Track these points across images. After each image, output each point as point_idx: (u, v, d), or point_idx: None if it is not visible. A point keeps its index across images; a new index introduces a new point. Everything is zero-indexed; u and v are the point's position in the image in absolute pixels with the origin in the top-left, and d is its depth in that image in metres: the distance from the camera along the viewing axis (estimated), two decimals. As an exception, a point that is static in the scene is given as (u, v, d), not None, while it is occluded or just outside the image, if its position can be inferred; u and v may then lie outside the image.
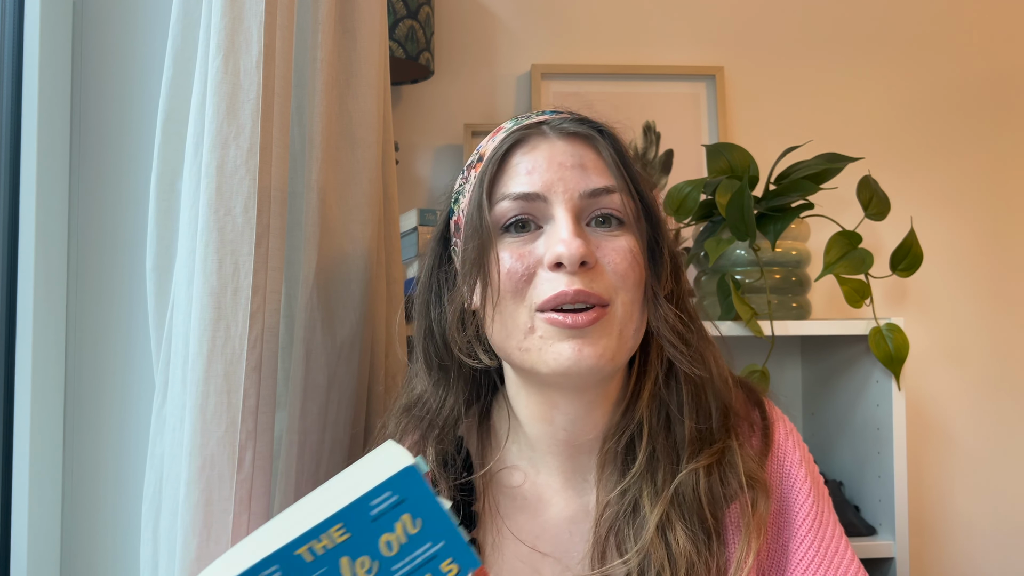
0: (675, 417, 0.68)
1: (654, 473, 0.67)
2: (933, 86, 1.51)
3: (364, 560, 0.48)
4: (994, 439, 1.46)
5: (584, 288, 0.61)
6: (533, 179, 0.64)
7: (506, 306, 0.64)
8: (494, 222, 0.65)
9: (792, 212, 1.13)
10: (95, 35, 0.92)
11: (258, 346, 0.73)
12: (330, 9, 0.85)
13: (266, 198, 0.74)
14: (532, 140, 0.67)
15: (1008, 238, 1.49)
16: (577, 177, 0.64)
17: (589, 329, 0.61)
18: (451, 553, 0.50)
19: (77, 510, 0.90)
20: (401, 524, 0.49)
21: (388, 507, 0.49)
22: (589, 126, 0.67)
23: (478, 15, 1.45)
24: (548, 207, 0.64)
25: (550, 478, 0.70)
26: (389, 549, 0.49)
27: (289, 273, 0.85)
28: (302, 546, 0.47)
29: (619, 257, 0.64)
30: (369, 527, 0.48)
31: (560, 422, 0.68)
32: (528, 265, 0.63)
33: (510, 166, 0.66)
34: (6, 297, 0.92)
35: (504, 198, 0.65)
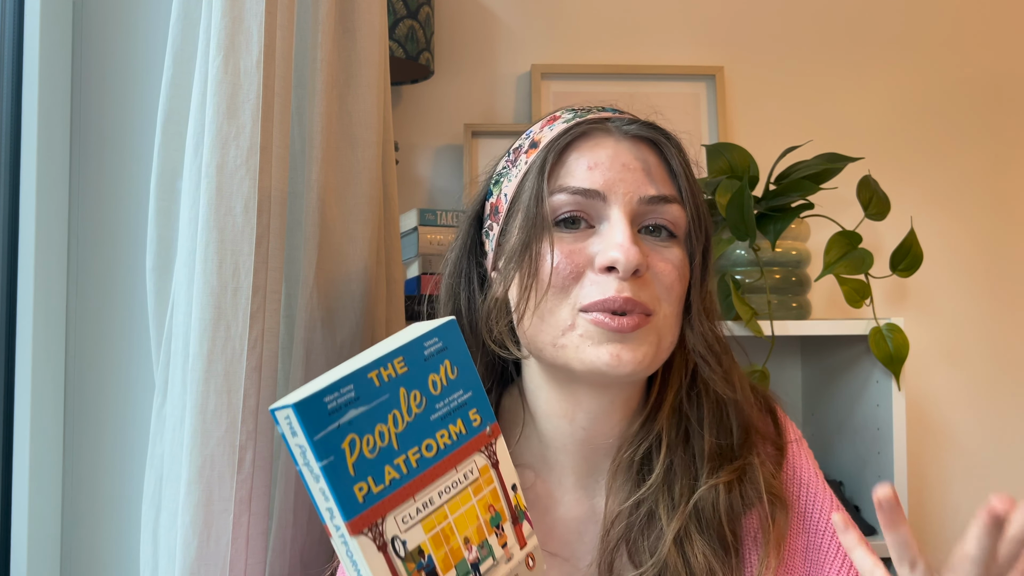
0: (695, 431, 0.67)
1: (671, 486, 0.65)
2: (933, 86, 1.51)
3: (416, 393, 0.54)
4: (994, 439, 1.46)
5: (633, 296, 0.60)
6: (594, 175, 0.62)
7: (547, 301, 0.62)
8: (549, 214, 0.63)
9: (792, 212, 1.13)
10: (95, 35, 0.92)
11: (258, 346, 0.73)
12: (330, 9, 0.85)
13: (266, 198, 0.74)
14: (596, 135, 0.65)
15: (1008, 238, 1.49)
16: (639, 180, 0.63)
17: (632, 335, 0.60)
18: (476, 404, 0.57)
19: (77, 510, 0.90)
20: (444, 368, 0.56)
21: (436, 351, 0.56)
22: (658, 131, 0.65)
23: (478, 15, 1.45)
24: (605, 207, 0.62)
25: (562, 476, 0.69)
26: (434, 388, 0.55)
27: (289, 273, 0.85)
28: (373, 371, 0.53)
29: (668, 269, 0.62)
30: (422, 364, 0.55)
31: (581, 420, 0.67)
32: (577, 264, 0.62)
33: (570, 159, 0.64)
34: (6, 297, 0.92)
35: (561, 191, 0.63)
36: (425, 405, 0.54)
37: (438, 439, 0.55)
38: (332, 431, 0.50)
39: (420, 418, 0.54)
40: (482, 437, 0.57)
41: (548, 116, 0.69)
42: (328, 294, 0.86)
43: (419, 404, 0.54)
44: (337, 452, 0.50)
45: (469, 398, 0.57)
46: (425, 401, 0.54)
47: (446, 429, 0.55)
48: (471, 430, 0.56)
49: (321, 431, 0.49)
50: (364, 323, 0.90)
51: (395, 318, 0.99)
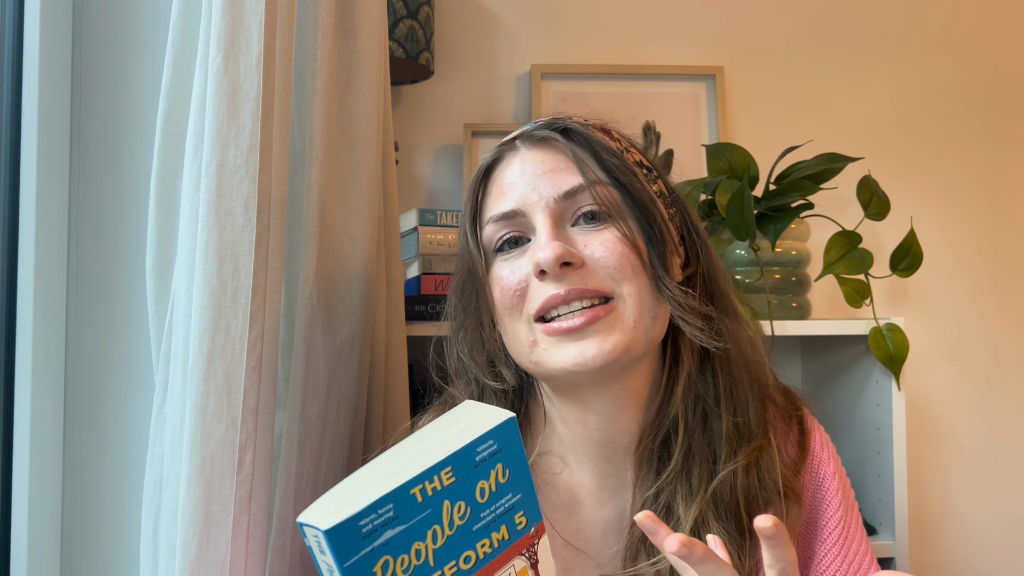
0: (712, 411, 0.67)
1: (689, 472, 0.66)
2: (933, 86, 1.51)
3: (461, 505, 0.50)
4: (994, 439, 1.46)
5: (576, 287, 0.61)
6: (509, 196, 0.65)
7: (508, 322, 0.65)
8: (485, 245, 0.67)
9: (792, 212, 1.13)
10: (95, 35, 0.92)
11: (258, 346, 0.73)
12: (330, 9, 0.85)
13: (266, 198, 0.74)
14: (505, 157, 0.68)
15: (1008, 238, 1.49)
16: (549, 183, 0.64)
17: (589, 328, 0.61)
18: (524, 506, 0.53)
19: (77, 510, 0.90)
20: (495, 473, 0.51)
21: (489, 455, 0.51)
22: (553, 128, 0.66)
23: (478, 15, 1.45)
24: (529, 219, 0.64)
25: (583, 478, 0.70)
26: (482, 496, 0.51)
27: (289, 273, 0.85)
28: (417, 486, 0.48)
29: (605, 250, 0.62)
30: (472, 472, 0.50)
31: (593, 422, 0.67)
32: (520, 279, 0.64)
33: (490, 189, 0.68)
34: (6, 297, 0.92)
35: (489, 222, 0.66)
36: (469, 516, 0.51)
37: (478, 549, 0.51)
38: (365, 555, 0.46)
39: (462, 530, 0.50)
40: (526, 539, 0.53)
41: None
42: (328, 294, 0.86)
43: (463, 516, 0.50)
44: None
45: (518, 500, 0.53)
46: (470, 512, 0.51)
47: (488, 538, 0.51)
48: (515, 534, 0.53)
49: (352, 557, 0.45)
50: (364, 323, 0.90)
51: (395, 318, 0.99)
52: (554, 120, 0.68)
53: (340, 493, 0.48)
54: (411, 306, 1.12)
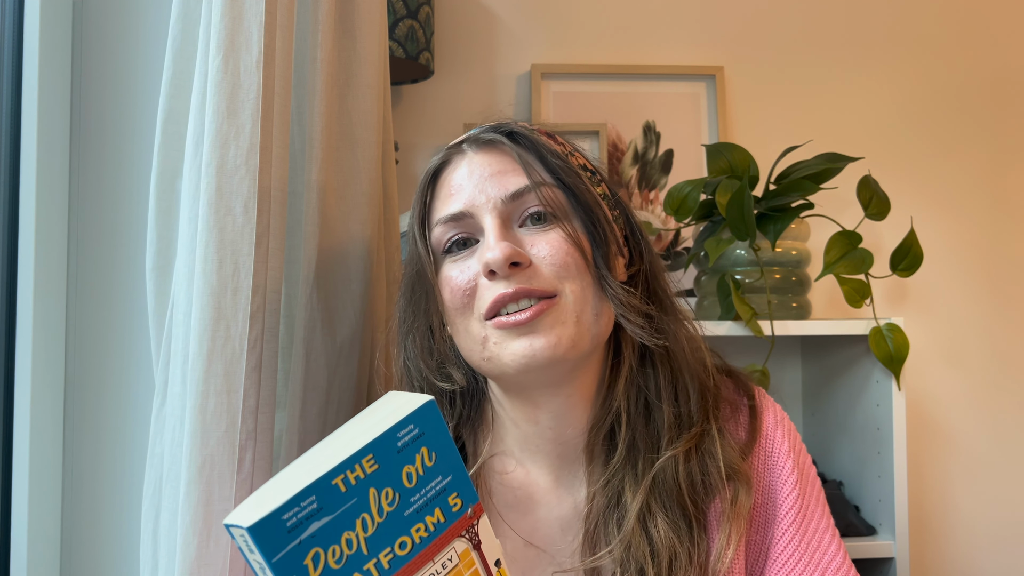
0: (654, 403, 0.69)
1: (635, 462, 0.67)
2: (933, 86, 1.51)
3: (388, 491, 0.51)
4: (994, 439, 1.46)
5: (524, 286, 0.63)
6: (457, 199, 0.67)
7: (459, 322, 0.67)
8: (435, 247, 0.68)
9: (792, 212, 1.13)
10: (95, 35, 0.92)
11: (258, 346, 0.73)
12: (330, 9, 0.85)
13: (266, 198, 0.74)
14: (452, 160, 0.69)
15: (1008, 238, 1.49)
16: (496, 184, 0.66)
17: (536, 322, 0.63)
18: (456, 488, 0.54)
19: (77, 510, 0.90)
20: (420, 457, 0.52)
21: (411, 440, 0.52)
22: (499, 131, 0.68)
23: (478, 15, 1.45)
24: (477, 221, 0.66)
25: (540, 476, 0.71)
26: (409, 481, 0.52)
27: (289, 273, 0.85)
28: (338, 476, 0.49)
29: (551, 249, 0.64)
30: (395, 458, 0.51)
31: (545, 421, 0.69)
32: (469, 279, 0.65)
33: (438, 192, 0.69)
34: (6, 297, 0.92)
35: (437, 223, 0.68)
36: (399, 502, 0.51)
37: (413, 534, 0.51)
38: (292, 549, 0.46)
39: (393, 516, 0.51)
40: (463, 521, 0.54)
41: None
42: (328, 294, 0.86)
43: (391, 502, 0.51)
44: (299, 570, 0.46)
45: (449, 483, 0.53)
46: (398, 497, 0.51)
47: (422, 522, 0.52)
48: (451, 516, 0.53)
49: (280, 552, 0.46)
50: (364, 323, 0.90)
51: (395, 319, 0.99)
52: (500, 124, 0.70)
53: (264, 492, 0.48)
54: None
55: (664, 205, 1.21)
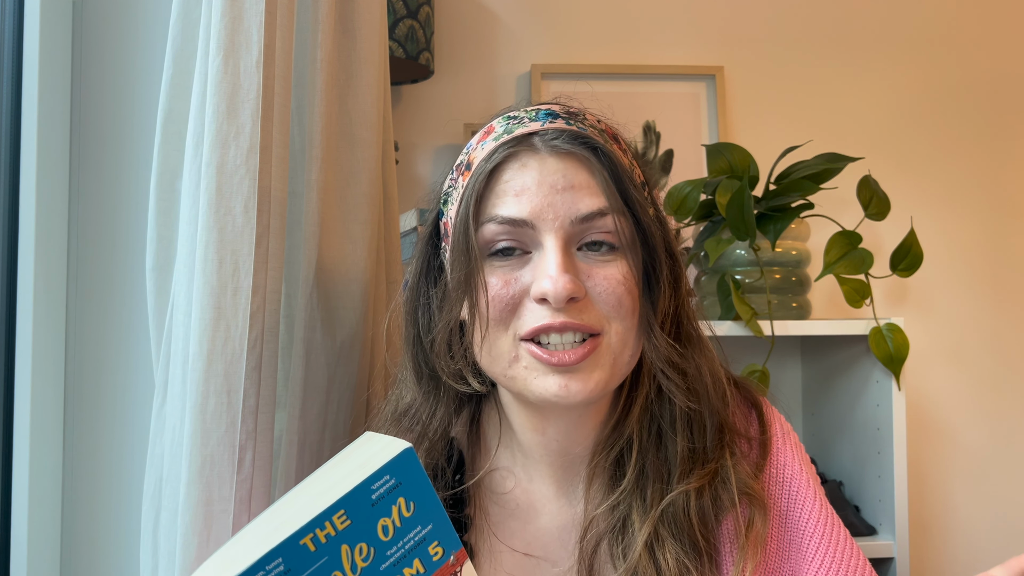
0: (667, 433, 0.66)
1: (643, 490, 0.65)
2: (933, 86, 1.51)
3: (362, 547, 0.48)
4: (994, 439, 1.46)
5: (572, 320, 0.59)
6: (522, 202, 0.60)
7: (490, 332, 0.62)
8: (481, 244, 0.62)
9: (792, 212, 1.13)
10: (95, 35, 0.92)
11: (258, 346, 0.73)
12: (330, 9, 0.85)
13: (266, 198, 0.74)
14: (522, 156, 0.62)
15: (1008, 238, 1.49)
16: (568, 201, 0.60)
17: (579, 365, 0.60)
18: (437, 536, 0.51)
19: (77, 510, 0.90)
20: (397, 508, 0.50)
21: (386, 491, 0.49)
22: (583, 144, 0.62)
23: (478, 15, 1.45)
24: (536, 234, 0.61)
25: (543, 486, 0.70)
26: (385, 534, 0.49)
27: (289, 273, 0.85)
28: (306, 535, 0.46)
29: (610, 286, 0.61)
30: (369, 512, 0.49)
31: (552, 434, 0.67)
32: (514, 294, 0.61)
33: (499, 183, 0.62)
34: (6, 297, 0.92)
35: (491, 220, 0.61)
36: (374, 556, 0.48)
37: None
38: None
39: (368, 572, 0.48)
40: (445, 569, 0.52)
41: (485, 128, 0.67)
42: (328, 294, 0.86)
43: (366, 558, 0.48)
44: None
45: (429, 532, 0.51)
46: (373, 552, 0.48)
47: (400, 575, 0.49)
48: (431, 566, 0.51)
49: None
50: (364, 323, 0.90)
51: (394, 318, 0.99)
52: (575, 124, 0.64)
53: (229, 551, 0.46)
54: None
55: (664, 205, 1.21)
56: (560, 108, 0.66)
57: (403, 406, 0.71)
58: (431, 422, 0.69)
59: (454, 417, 0.71)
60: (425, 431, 0.69)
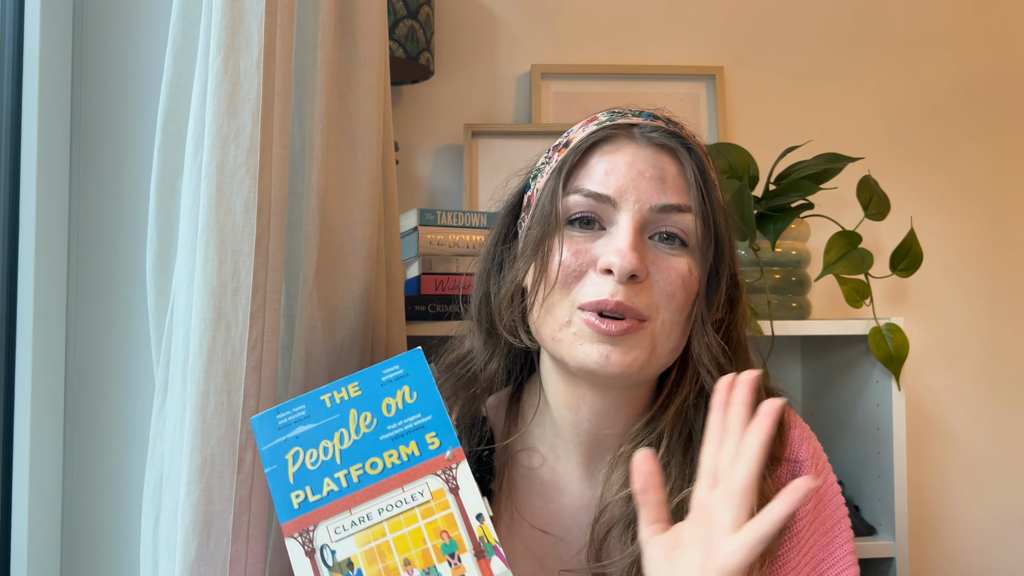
0: (696, 438, 0.68)
1: None
2: (933, 86, 1.51)
3: (367, 415, 0.59)
4: (994, 439, 1.46)
5: (625, 301, 0.62)
6: (609, 180, 0.64)
7: (552, 295, 0.65)
8: (563, 212, 0.66)
9: (792, 212, 1.13)
10: (95, 35, 0.92)
11: (258, 346, 0.73)
12: (330, 9, 0.85)
13: (266, 198, 0.74)
14: (618, 140, 0.66)
15: (1008, 238, 1.49)
16: (653, 189, 0.64)
17: (621, 338, 0.62)
18: (436, 428, 0.60)
19: (77, 510, 0.90)
20: (401, 393, 0.60)
21: (395, 377, 0.60)
22: (678, 140, 0.66)
23: (478, 15, 1.45)
24: (615, 212, 0.64)
25: (569, 466, 0.72)
26: (388, 411, 0.60)
27: (289, 273, 0.85)
28: (326, 394, 0.60)
29: (670, 276, 0.64)
30: (378, 389, 0.60)
31: (585, 413, 0.69)
32: (582, 263, 0.64)
33: (591, 161, 0.66)
34: (6, 297, 0.92)
35: (577, 192, 0.65)
36: (376, 425, 0.59)
37: (385, 458, 0.58)
38: (279, 443, 0.58)
39: (369, 436, 0.58)
40: (439, 461, 0.58)
41: (589, 116, 0.71)
42: (328, 294, 0.86)
43: (369, 424, 0.59)
44: (280, 462, 0.57)
45: (428, 422, 0.59)
46: (376, 422, 0.59)
47: (396, 449, 0.58)
48: (426, 452, 0.58)
49: (270, 442, 0.58)
50: (364, 323, 0.90)
51: (395, 318, 0.99)
52: (674, 127, 0.68)
53: None
54: (411, 306, 1.12)
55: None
56: (662, 115, 0.70)
57: (461, 354, 0.76)
58: (484, 371, 0.74)
59: (503, 377, 0.75)
60: (475, 378, 0.74)
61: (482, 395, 0.74)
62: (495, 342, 0.74)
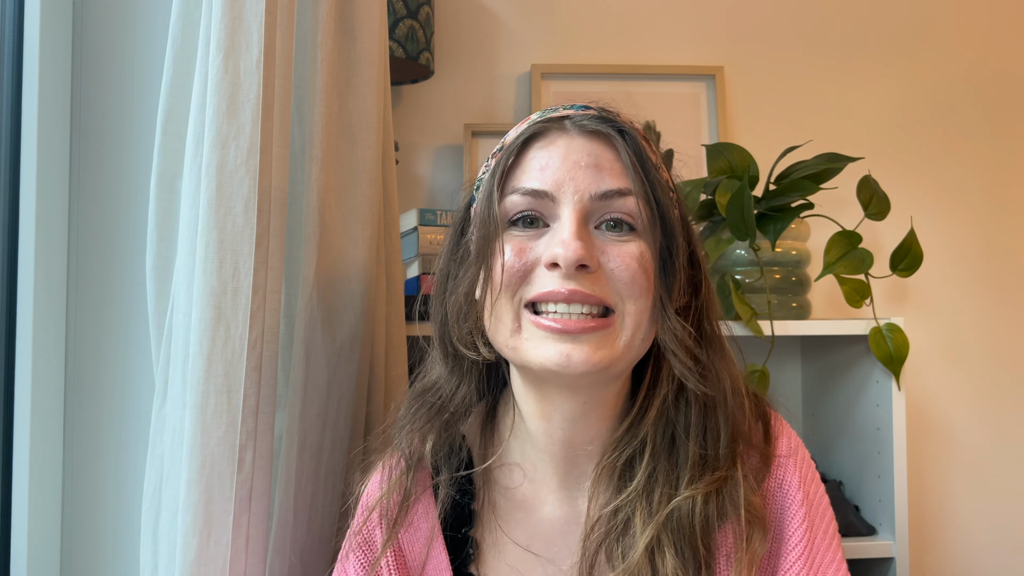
0: (680, 439, 0.66)
1: (650, 494, 0.65)
2: (933, 86, 1.51)
3: None
4: (994, 439, 1.46)
5: (580, 289, 0.60)
6: (545, 176, 0.63)
7: (499, 300, 0.63)
8: (502, 214, 0.64)
9: (792, 212, 1.13)
10: (95, 35, 0.92)
11: (258, 346, 0.73)
12: (330, 9, 0.85)
13: (266, 198, 0.74)
14: (551, 134, 0.65)
15: (1008, 238, 1.49)
16: (590, 178, 0.62)
17: (585, 336, 0.60)
18: None
19: (77, 510, 0.90)
20: None
21: None
22: (611, 125, 0.64)
23: (478, 15, 1.45)
24: (556, 206, 0.62)
25: (546, 477, 0.70)
26: None
27: (289, 273, 0.85)
28: None
29: (624, 262, 0.61)
30: None
31: (557, 421, 0.67)
32: (527, 262, 0.62)
33: (526, 159, 0.64)
34: (6, 297, 0.92)
35: (514, 191, 0.63)
36: None
37: None
38: None
39: None
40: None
41: (525, 118, 0.70)
42: (328, 294, 0.86)
43: None
44: None
45: None
46: None
47: None
48: None
49: None
50: (364, 323, 0.90)
51: (395, 318, 0.99)
52: (606, 114, 0.66)
53: None
54: (411, 306, 1.12)
55: (664, 205, 1.21)
56: (596, 105, 0.68)
57: (428, 383, 0.72)
58: (453, 398, 0.70)
59: (475, 399, 0.71)
60: (446, 406, 0.70)
61: (457, 419, 0.71)
62: (460, 366, 0.71)
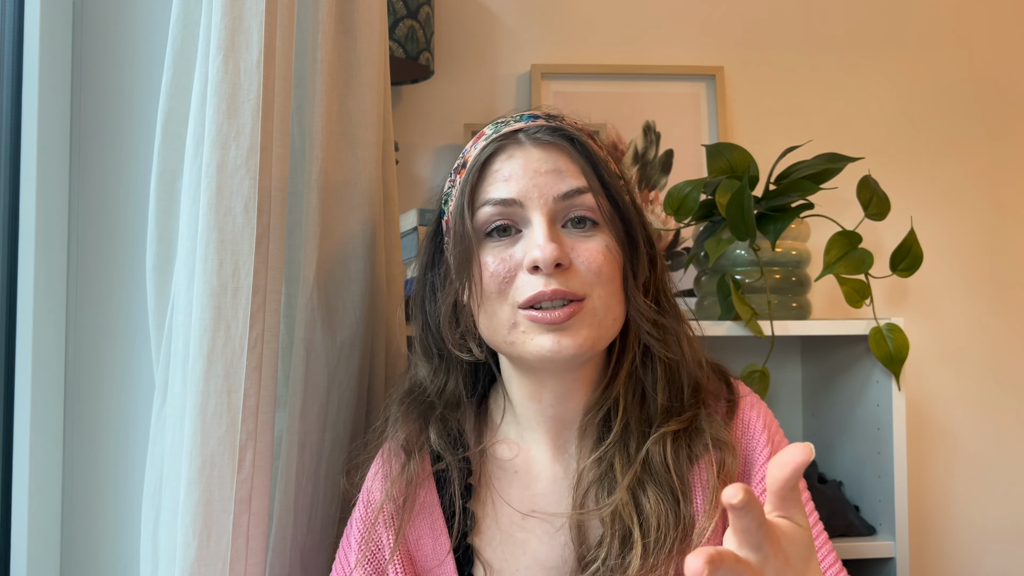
0: (649, 393, 0.75)
1: (627, 442, 0.73)
2: (933, 86, 1.51)
3: None
4: (994, 439, 1.46)
5: (560, 287, 0.67)
6: (511, 185, 0.70)
7: (491, 304, 0.70)
8: (477, 227, 0.71)
9: (792, 212, 1.13)
10: (95, 35, 0.92)
11: (258, 346, 0.73)
12: (330, 9, 0.85)
13: (266, 198, 0.74)
14: (508, 149, 0.72)
15: (1008, 238, 1.49)
16: (551, 182, 0.70)
17: (567, 323, 0.68)
18: None
19: (77, 510, 0.90)
20: None
21: None
22: (561, 135, 0.72)
23: (478, 15, 1.45)
24: (525, 212, 0.69)
25: (540, 451, 0.76)
26: None
27: (289, 273, 0.85)
28: None
29: (591, 256, 0.69)
30: None
31: (548, 400, 0.74)
32: (509, 268, 0.69)
33: (490, 173, 0.71)
34: (6, 297, 0.92)
35: (485, 204, 0.70)
36: None
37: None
38: None
39: None
40: None
41: (477, 133, 0.77)
42: (328, 294, 0.86)
43: None
44: None
45: None
46: None
47: None
48: None
49: None
50: (364, 323, 0.90)
51: (395, 318, 0.99)
52: (554, 122, 0.74)
53: None
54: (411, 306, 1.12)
55: (664, 205, 1.21)
56: (541, 112, 0.76)
57: (415, 383, 0.80)
58: (442, 394, 0.78)
59: (464, 393, 0.79)
60: (436, 402, 0.78)
61: (451, 412, 0.78)
62: (445, 364, 0.79)
